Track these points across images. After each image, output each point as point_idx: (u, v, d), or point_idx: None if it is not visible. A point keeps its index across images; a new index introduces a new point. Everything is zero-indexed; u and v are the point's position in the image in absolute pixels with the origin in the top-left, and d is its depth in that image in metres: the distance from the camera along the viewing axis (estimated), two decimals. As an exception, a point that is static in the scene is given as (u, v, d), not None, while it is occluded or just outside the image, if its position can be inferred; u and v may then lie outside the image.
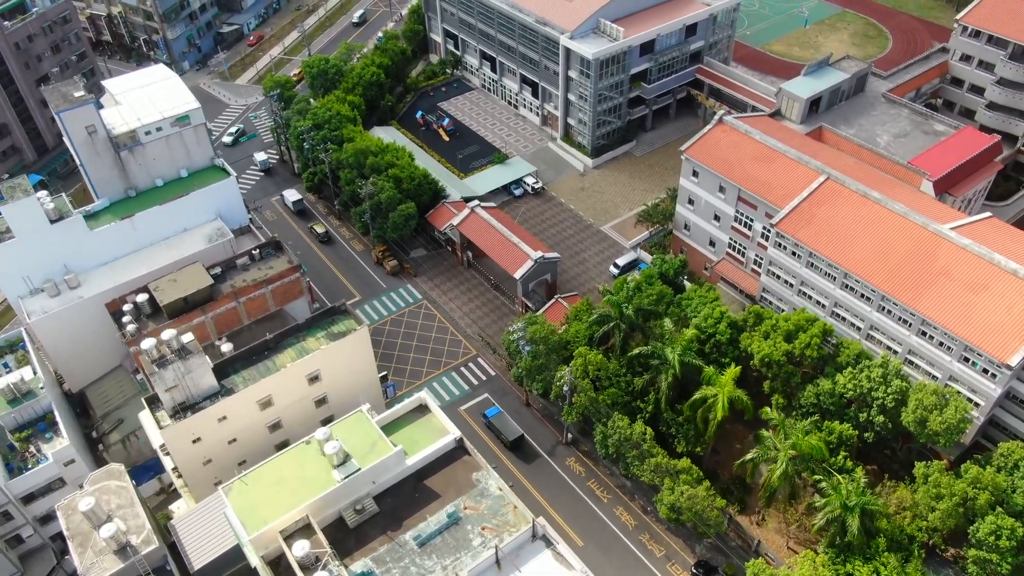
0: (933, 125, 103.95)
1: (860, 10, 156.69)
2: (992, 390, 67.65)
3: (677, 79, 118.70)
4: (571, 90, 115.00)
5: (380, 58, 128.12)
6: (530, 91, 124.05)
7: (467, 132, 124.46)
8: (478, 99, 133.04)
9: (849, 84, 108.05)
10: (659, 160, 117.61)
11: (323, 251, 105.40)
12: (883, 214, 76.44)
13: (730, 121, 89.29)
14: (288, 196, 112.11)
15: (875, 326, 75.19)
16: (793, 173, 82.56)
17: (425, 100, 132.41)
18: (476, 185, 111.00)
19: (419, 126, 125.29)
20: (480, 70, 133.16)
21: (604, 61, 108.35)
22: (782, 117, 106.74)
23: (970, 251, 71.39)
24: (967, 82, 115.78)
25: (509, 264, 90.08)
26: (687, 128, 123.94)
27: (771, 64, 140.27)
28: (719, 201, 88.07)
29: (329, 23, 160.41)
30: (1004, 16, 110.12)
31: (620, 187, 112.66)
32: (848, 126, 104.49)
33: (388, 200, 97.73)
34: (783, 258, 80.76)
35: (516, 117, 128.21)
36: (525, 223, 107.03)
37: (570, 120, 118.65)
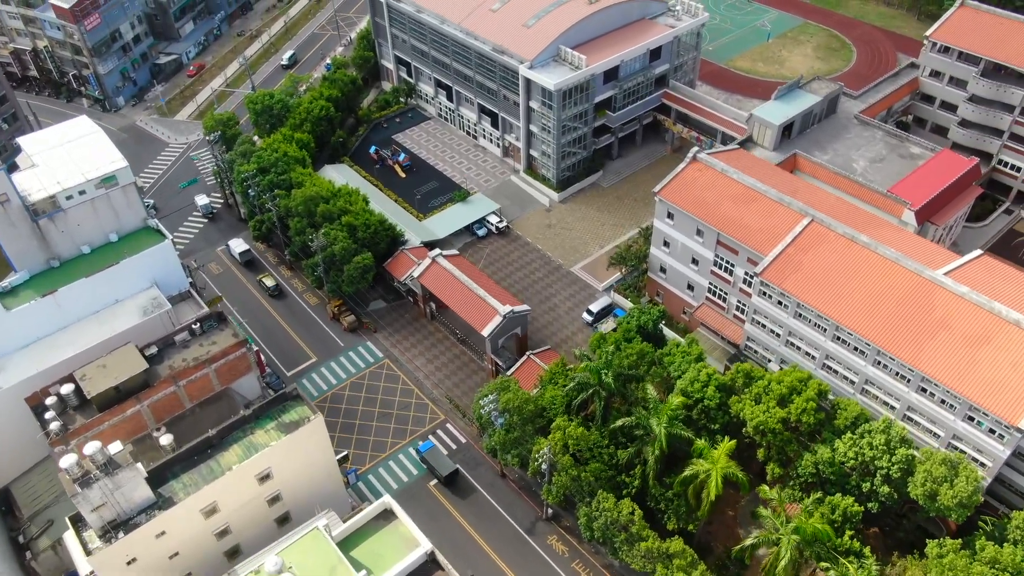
0: (909, 148, 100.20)
1: (822, 21, 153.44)
2: (1000, 452, 63.19)
3: (643, 105, 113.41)
4: (533, 121, 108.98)
5: (329, 90, 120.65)
6: (489, 121, 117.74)
7: (424, 167, 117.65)
8: (435, 129, 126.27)
9: (821, 107, 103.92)
10: (627, 191, 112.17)
11: (274, 306, 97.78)
12: (873, 259, 71.72)
13: (704, 159, 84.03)
14: (234, 246, 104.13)
15: (871, 380, 70.41)
16: (775, 215, 77.51)
17: (379, 132, 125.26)
18: (437, 227, 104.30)
19: (373, 162, 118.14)
20: (436, 99, 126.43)
21: (567, 91, 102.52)
22: (754, 144, 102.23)
23: (968, 300, 66.93)
24: (938, 99, 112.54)
25: (476, 320, 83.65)
26: (654, 154, 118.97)
27: (736, 82, 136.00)
28: (697, 245, 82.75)
29: (274, 49, 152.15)
30: (974, 31, 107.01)
31: (588, 223, 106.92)
32: (822, 151, 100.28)
33: (342, 252, 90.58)
34: (768, 307, 75.66)
35: (476, 148, 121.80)
36: (490, 267, 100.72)
37: (533, 152, 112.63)
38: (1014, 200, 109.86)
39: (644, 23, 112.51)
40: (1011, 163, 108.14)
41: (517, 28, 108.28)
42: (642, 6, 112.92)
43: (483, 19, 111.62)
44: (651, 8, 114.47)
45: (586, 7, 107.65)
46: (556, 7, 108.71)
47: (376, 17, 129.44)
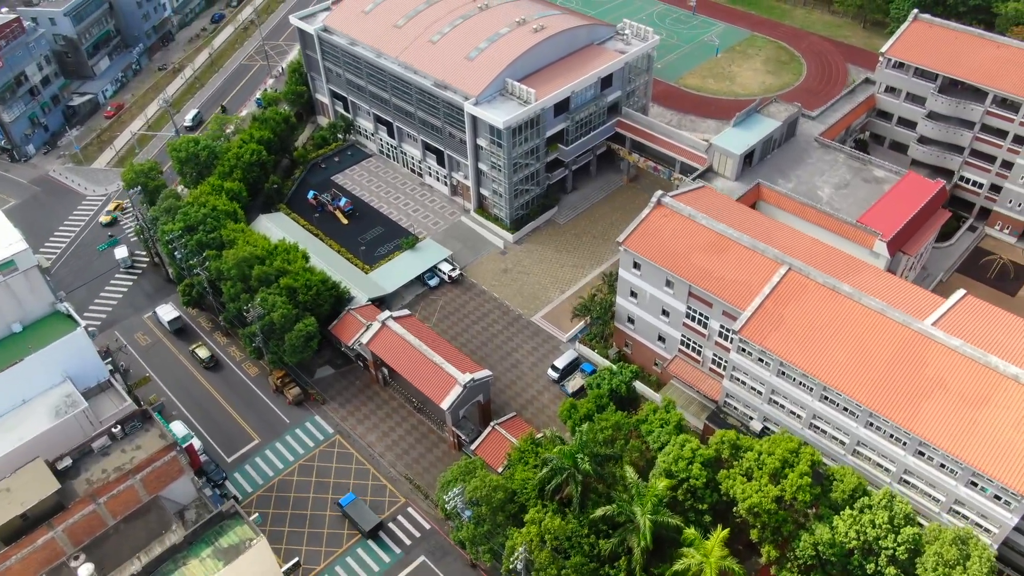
0: (872, 171, 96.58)
1: (769, 33, 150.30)
2: (1008, 519, 58.83)
3: (597, 136, 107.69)
4: (482, 159, 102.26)
5: (260, 131, 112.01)
6: (435, 159, 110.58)
7: (368, 211, 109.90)
8: (377, 168, 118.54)
9: (780, 131, 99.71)
10: (585, 227, 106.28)
11: (210, 380, 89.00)
12: (858, 311, 66.96)
13: (669, 203, 78.45)
14: (163, 314, 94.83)
15: (863, 442, 65.60)
16: (750, 264, 72.29)
17: (316, 174, 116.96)
18: (385, 280, 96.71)
19: (312, 208, 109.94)
20: (376, 135, 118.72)
21: (517, 128, 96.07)
22: (715, 174, 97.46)
23: (962, 354, 62.55)
24: (896, 115, 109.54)
25: (433, 391, 76.55)
26: (610, 185, 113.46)
27: (688, 101, 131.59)
28: (667, 296, 77.12)
29: (199, 84, 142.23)
30: (929, 47, 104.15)
31: (547, 264, 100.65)
32: (786, 179, 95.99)
33: (282, 320, 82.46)
34: (749, 364, 70.39)
35: (422, 187, 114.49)
36: (445, 320, 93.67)
37: (483, 191, 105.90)
38: (977, 216, 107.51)
39: (592, 49, 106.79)
40: (973, 179, 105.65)
41: (459, 61, 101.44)
42: (589, 31, 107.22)
43: (422, 52, 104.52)
44: (599, 33, 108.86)
45: (531, 36, 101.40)
46: (499, 37, 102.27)
47: (307, 50, 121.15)
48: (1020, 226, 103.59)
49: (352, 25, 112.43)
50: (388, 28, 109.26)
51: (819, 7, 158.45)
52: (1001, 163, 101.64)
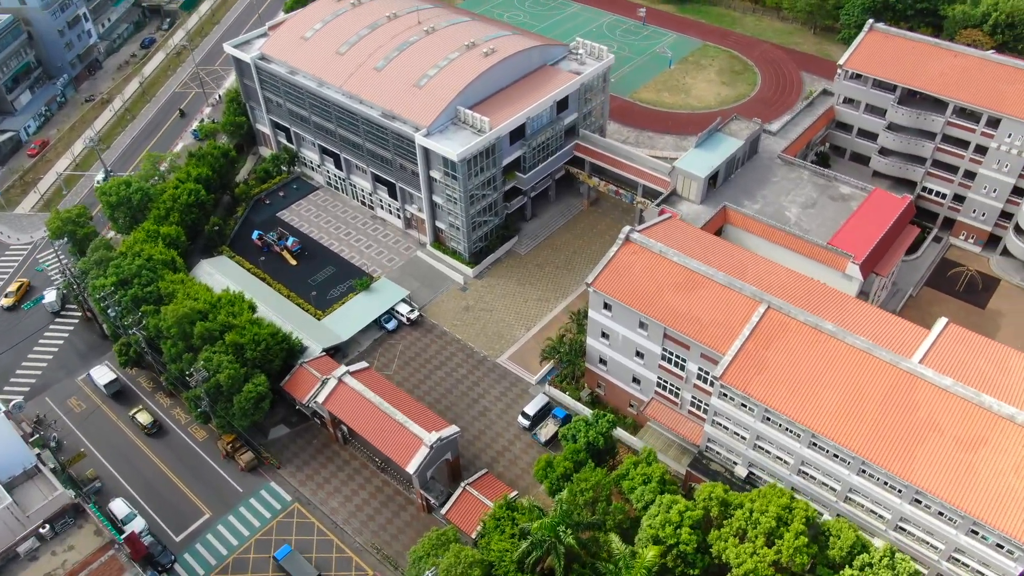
0: (839, 188, 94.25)
1: (720, 42, 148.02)
2: (1011, 569, 56.06)
3: (555, 161, 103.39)
4: (436, 191, 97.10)
5: (197, 168, 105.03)
6: (386, 191, 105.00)
7: (318, 249, 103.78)
8: (325, 201, 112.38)
9: (743, 150, 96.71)
10: (547, 256, 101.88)
11: (154, 449, 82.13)
12: (843, 351, 63.73)
13: (638, 239, 74.42)
14: (98, 376, 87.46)
15: (856, 489, 62.36)
16: (726, 303, 68.61)
17: (260, 211, 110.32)
18: (339, 326, 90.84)
19: (258, 249, 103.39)
20: (323, 166, 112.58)
21: (472, 159, 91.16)
22: (679, 197, 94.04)
23: (955, 394, 59.68)
24: (856, 127, 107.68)
25: (398, 454, 71.25)
26: (571, 210, 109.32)
27: (644, 116, 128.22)
28: (640, 338, 73.08)
29: (129, 116, 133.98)
30: (886, 58, 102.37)
31: (510, 299, 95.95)
32: (752, 200, 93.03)
33: (229, 381, 76.19)
34: (731, 410, 66.71)
35: (374, 221, 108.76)
36: (405, 367, 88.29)
37: (439, 224, 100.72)
38: (941, 226, 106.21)
39: (546, 71, 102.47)
40: (936, 190, 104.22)
41: (407, 89, 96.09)
42: (542, 52, 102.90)
43: (367, 80, 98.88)
44: (552, 53, 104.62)
45: (482, 61, 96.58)
46: (449, 63, 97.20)
47: (244, 79, 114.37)
48: (984, 235, 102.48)
49: (291, 52, 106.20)
50: (330, 55, 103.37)
51: (768, 14, 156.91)
52: (964, 173, 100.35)
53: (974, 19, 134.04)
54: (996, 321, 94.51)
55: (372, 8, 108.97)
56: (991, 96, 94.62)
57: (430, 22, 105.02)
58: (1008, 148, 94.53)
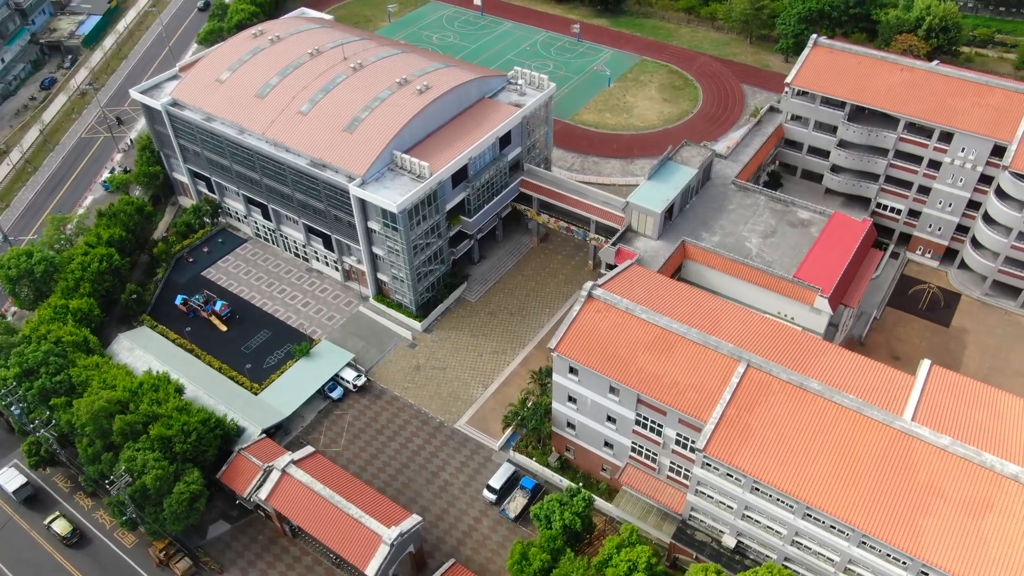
0: (797, 213, 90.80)
1: (658, 56, 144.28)
2: (1029, 642, 52.25)
3: (501, 200, 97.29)
4: (376, 243, 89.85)
5: (109, 229, 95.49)
6: (321, 242, 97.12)
7: (250, 311, 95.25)
8: (254, 255, 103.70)
9: (697, 178, 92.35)
10: (500, 302, 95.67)
11: (75, 562, 72.76)
12: (831, 411, 59.30)
13: (601, 296, 68.77)
14: (5, 481, 77.44)
15: (856, 560, 57.90)
16: (703, 364, 63.55)
17: (184, 270, 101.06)
18: (279, 401, 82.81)
19: (183, 316, 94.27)
20: (250, 217, 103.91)
21: (412, 209, 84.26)
22: (635, 233, 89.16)
23: (955, 454, 55.76)
24: (806, 144, 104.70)
25: (355, 554, 64.01)
26: (520, 248, 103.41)
27: (588, 140, 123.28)
28: (612, 403, 67.45)
29: (31, 168, 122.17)
30: (834, 74, 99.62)
31: (464, 354, 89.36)
32: (710, 232, 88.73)
33: (157, 483, 67.60)
34: (717, 480, 61.62)
35: (309, 274, 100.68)
36: (355, 441, 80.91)
37: (382, 276, 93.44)
38: (897, 242, 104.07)
39: (485, 104, 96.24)
40: (891, 206, 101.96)
41: (336, 134, 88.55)
42: (480, 85, 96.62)
43: (292, 125, 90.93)
44: (490, 85, 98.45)
45: (416, 99, 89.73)
46: (380, 103, 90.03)
47: (156, 125, 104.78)
48: (941, 249, 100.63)
49: (206, 97, 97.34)
50: (249, 99, 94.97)
51: (703, 24, 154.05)
52: (918, 188, 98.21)
53: (908, 24, 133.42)
54: (962, 340, 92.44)
55: (292, 44, 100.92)
56: (942, 110, 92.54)
57: (357, 57, 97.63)
58: (962, 162, 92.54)
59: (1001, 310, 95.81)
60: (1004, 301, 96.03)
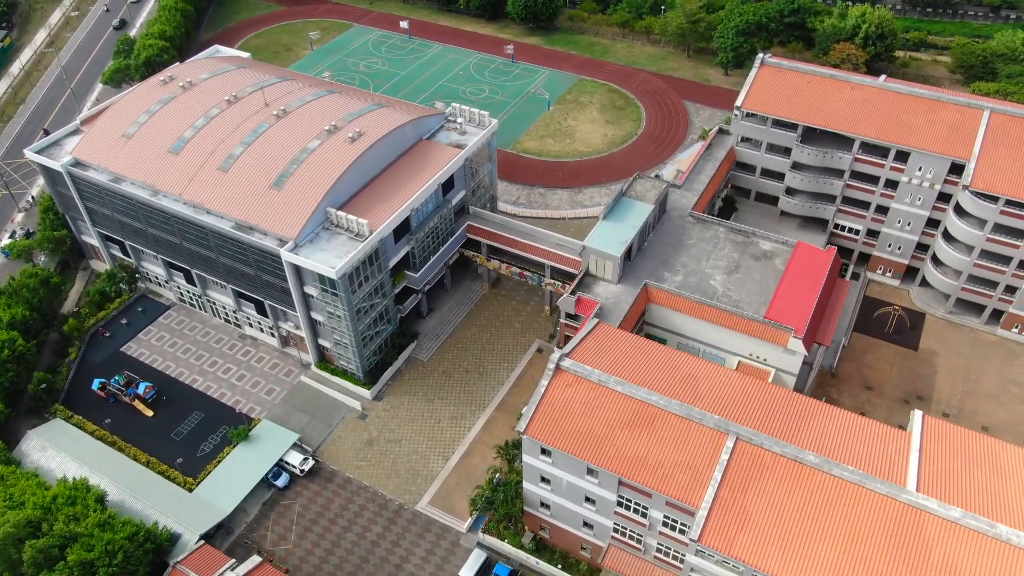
0: (759, 244, 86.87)
1: (596, 75, 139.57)
2: None
3: (448, 249, 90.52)
4: (314, 308, 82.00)
5: (10, 310, 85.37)
6: (254, 307, 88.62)
7: (178, 390, 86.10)
8: (180, 324, 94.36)
9: (654, 213, 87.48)
10: (454, 359, 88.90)
11: None
12: (831, 486, 54.66)
13: (571, 368, 62.73)
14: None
15: (869, 648, 53.30)
16: (688, 439, 58.17)
17: (100, 347, 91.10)
18: (217, 495, 74.27)
19: (102, 402, 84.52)
20: (172, 282, 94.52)
21: (353, 272, 76.82)
22: (593, 278, 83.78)
23: (967, 527, 51.62)
24: (759, 167, 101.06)
25: None
26: (471, 296, 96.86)
27: (531, 170, 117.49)
28: (591, 485, 61.51)
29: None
30: (783, 95, 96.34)
31: (419, 423, 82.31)
32: (672, 271, 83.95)
33: (79, 620, 58.73)
34: (714, 568, 56.24)
35: (243, 341, 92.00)
36: (307, 535, 73.09)
37: (323, 342, 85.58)
38: (857, 262, 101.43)
39: (424, 147, 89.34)
40: (849, 226, 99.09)
41: (263, 193, 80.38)
42: (416, 126, 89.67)
43: (212, 184, 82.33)
44: (427, 125, 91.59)
45: (348, 148, 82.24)
46: (309, 154, 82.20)
47: (57, 187, 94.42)
48: (902, 268, 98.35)
49: (113, 155, 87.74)
50: (161, 156, 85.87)
51: (639, 39, 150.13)
52: (876, 208, 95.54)
53: (844, 32, 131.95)
54: (932, 363, 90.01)
55: (206, 91, 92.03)
56: (897, 129, 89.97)
57: (279, 102, 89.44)
58: (919, 181, 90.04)
59: (967, 328, 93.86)
60: (969, 318, 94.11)
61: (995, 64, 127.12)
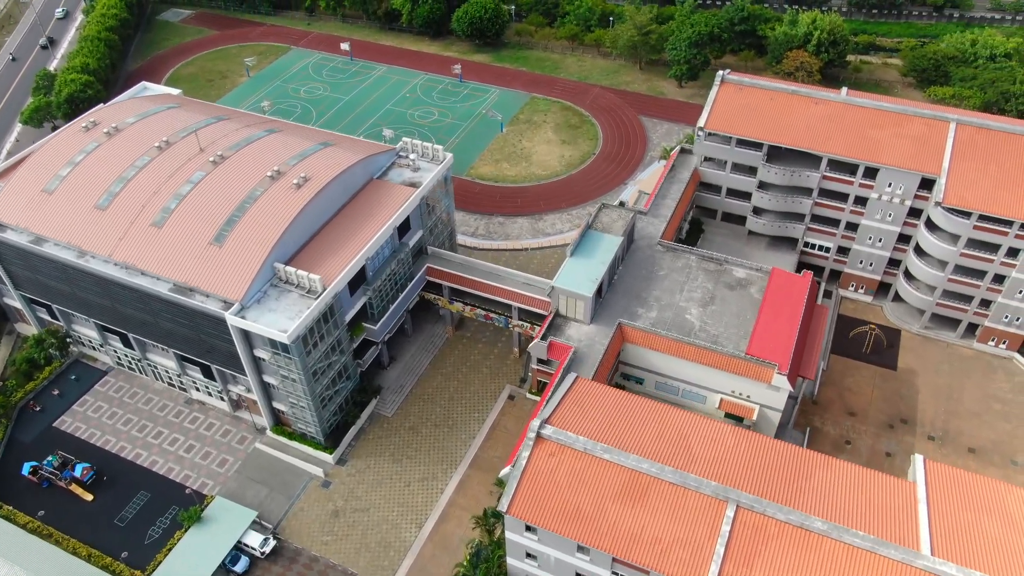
0: (733, 273, 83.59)
1: (548, 92, 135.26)
2: None
3: (408, 295, 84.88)
4: (266, 372, 75.60)
5: (-77, 391, 76.56)
6: (200, 370, 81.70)
7: (120, 468, 78.65)
8: (119, 391, 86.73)
9: (622, 247, 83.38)
10: (420, 413, 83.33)
11: None
12: (842, 553, 50.89)
13: (552, 436, 57.82)
14: None
15: None
16: (685, 509, 53.87)
17: (31, 423, 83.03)
18: (170, 591, 67.52)
19: (34, 488, 76.65)
20: (107, 345, 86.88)
21: (307, 332, 70.69)
22: (564, 318, 79.24)
23: (987, 593, 48.37)
24: (724, 187, 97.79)
25: None
26: (434, 342, 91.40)
27: (488, 198, 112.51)
28: (582, 562, 56.74)
29: None
30: (747, 114, 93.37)
31: (388, 487, 76.56)
32: (645, 307, 79.92)
33: None
34: (720, 649, 52.00)
35: (190, 407, 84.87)
36: (274, 626, 66.81)
37: (278, 405, 79.17)
38: (828, 279, 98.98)
39: (375, 188, 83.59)
40: (819, 244, 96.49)
41: (202, 250, 73.64)
42: (366, 165, 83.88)
43: (146, 243, 75.22)
44: (378, 163, 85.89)
45: (293, 196, 76.01)
46: (252, 204, 75.74)
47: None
48: (874, 284, 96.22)
49: (32, 213, 79.88)
50: (87, 212, 78.42)
51: (589, 52, 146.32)
52: (846, 225, 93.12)
53: (796, 40, 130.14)
54: (912, 383, 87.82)
55: (134, 136, 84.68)
56: (864, 145, 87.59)
57: (215, 146, 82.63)
58: (889, 198, 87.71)
59: (943, 343, 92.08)
60: (944, 333, 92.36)
61: (947, 67, 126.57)
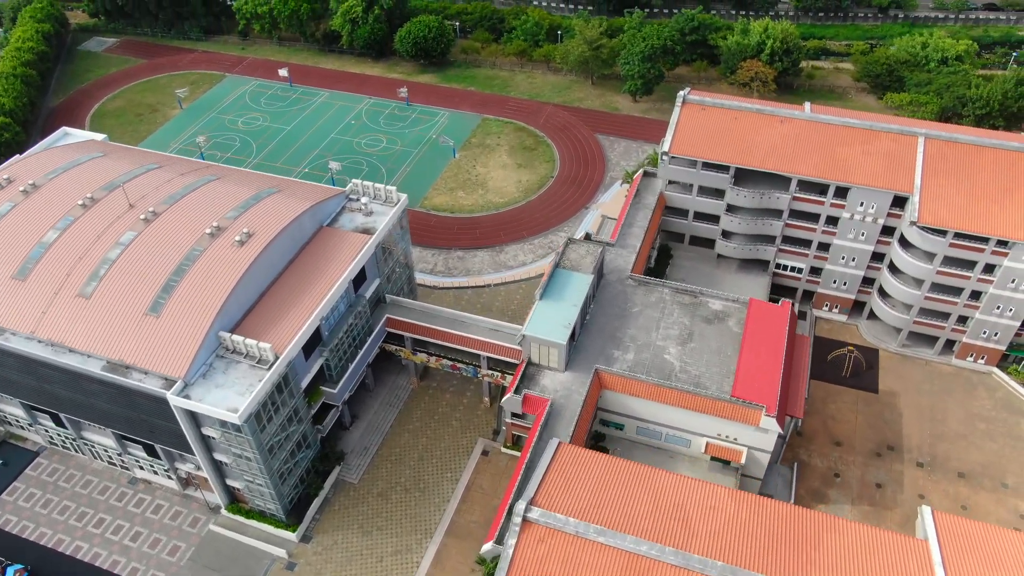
0: (709, 305, 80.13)
1: (499, 112, 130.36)
2: None
3: (367, 350, 78.96)
4: (217, 450, 68.95)
5: None
6: (143, 449, 74.48)
7: (58, 565, 71.02)
8: (53, 474, 78.81)
9: (593, 285, 79.06)
10: (389, 477, 77.58)
11: None
12: (862, 636, 47.02)
13: (540, 519, 52.84)
14: None
15: None
16: (690, 596, 49.42)
17: (-47, 520, 74.79)
18: None
19: (-41, 597, 68.87)
20: (38, 424, 78.91)
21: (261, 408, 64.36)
22: (538, 367, 74.82)
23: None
24: (691, 211, 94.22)
25: None
26: (399, 395, 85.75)
27: (445, 230, 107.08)
28: (580, 655, 51.90)
29: None
30: (712, 136, 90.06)
31: (359, 564, 70.64)
32: (621, 348, 75.91)
33: None
34: None
35: (134, 486, 77.48)
36: None
37: (233, 483, 72.52)
38: (802, 300, 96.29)
39: (326, 236, 77.51)
40: (791, 265, 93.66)
41: (137, 321, 66.58)
42: (314, 213, 77.68)
43: (74, 316, 67.81)
44: (327, 209, 79.80)
45: (237, 255, 69.48)
46: (190, 266, 68.89)
47: None
48: (848, 303, 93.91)
49: (-60, 287, 71.64)
50: (4, 283, 70.61)
51: (539, 68, 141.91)
52: (818, 245, 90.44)
53: (750, 49, 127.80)
54: (895, 406, 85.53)
55: (55, 193, 76.92)
56: (833, 165, 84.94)
57: (147, 201, 75.47)
58: (862, 216, 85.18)
59: (921, 360, 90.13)
60: (922, 350, 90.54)
61: (900, 72, 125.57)
